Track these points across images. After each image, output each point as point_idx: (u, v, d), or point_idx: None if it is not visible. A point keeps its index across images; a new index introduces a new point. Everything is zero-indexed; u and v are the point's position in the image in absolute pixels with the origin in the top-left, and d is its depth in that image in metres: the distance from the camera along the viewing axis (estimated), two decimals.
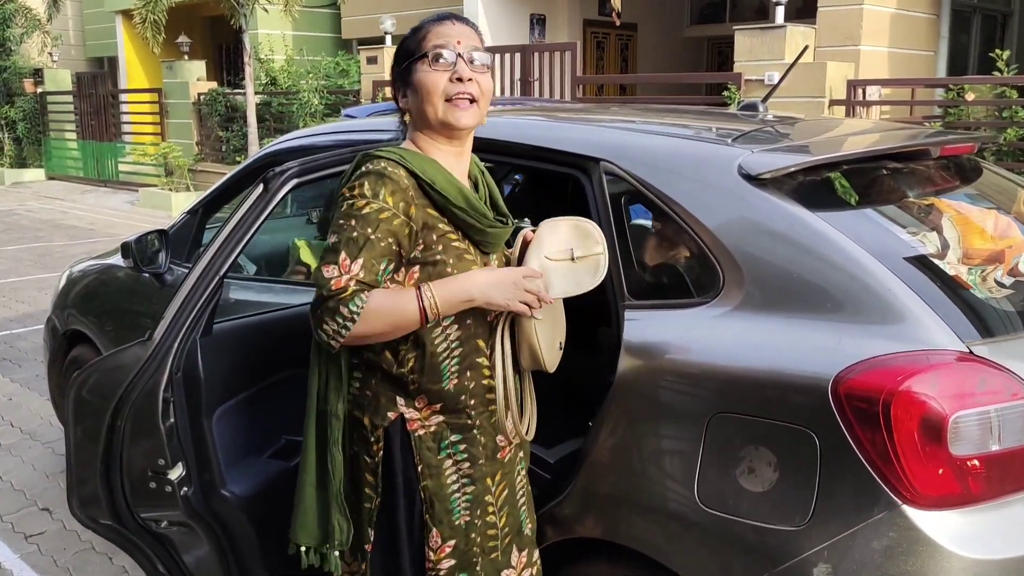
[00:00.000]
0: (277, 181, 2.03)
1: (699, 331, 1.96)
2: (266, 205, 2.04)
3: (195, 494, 2.04)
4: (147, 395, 1.96)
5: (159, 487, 2.01)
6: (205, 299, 2.01)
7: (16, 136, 19.59)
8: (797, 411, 1.77)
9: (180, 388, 2.02)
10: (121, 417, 1.98)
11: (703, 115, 2.83)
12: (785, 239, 1.92)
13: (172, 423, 1.99)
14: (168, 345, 1.98)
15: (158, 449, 1.98)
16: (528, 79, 10.47)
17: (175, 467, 1.99)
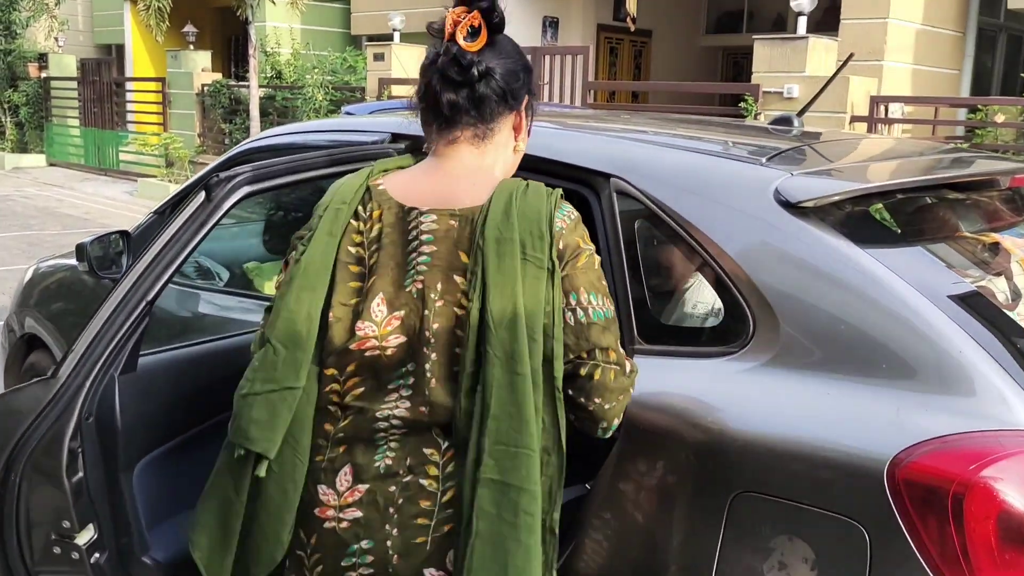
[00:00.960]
0: (223, 189, 1.69)
1: (723, 387, 1.63)
2: (208, 217, 1.70)
3: (109, 562, 1.71)
4: (48, 445, 1.63)
5: (64, 553, 1.68)
6: (127, 330, 1.67)
7: (19, 120, 19.33)
8: (842, 497, 1.44)
9: (92, 436, 1.69)
10: (15, 471, 1.64)
11: (731, 128, 2.49)
12: (832, 281, 1.59)
13: (80, 478, 1.66)
14: (77, 385, 1.64)
15: (62, 509, 1.65)
16: (538, 82, 10.15)
17: (84, 530, 1.66)
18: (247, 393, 1.46)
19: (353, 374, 1.48)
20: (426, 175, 1.56)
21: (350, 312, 1.47)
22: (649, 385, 1.70)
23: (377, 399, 1.47)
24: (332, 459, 1.48)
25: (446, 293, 1.46)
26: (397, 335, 1.46)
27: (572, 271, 1.47)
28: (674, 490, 1.63)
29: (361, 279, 1.48)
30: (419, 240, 1.48)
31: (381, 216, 1.50)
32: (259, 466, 1.45)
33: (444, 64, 1.49)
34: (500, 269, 1.42)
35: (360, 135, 2.42)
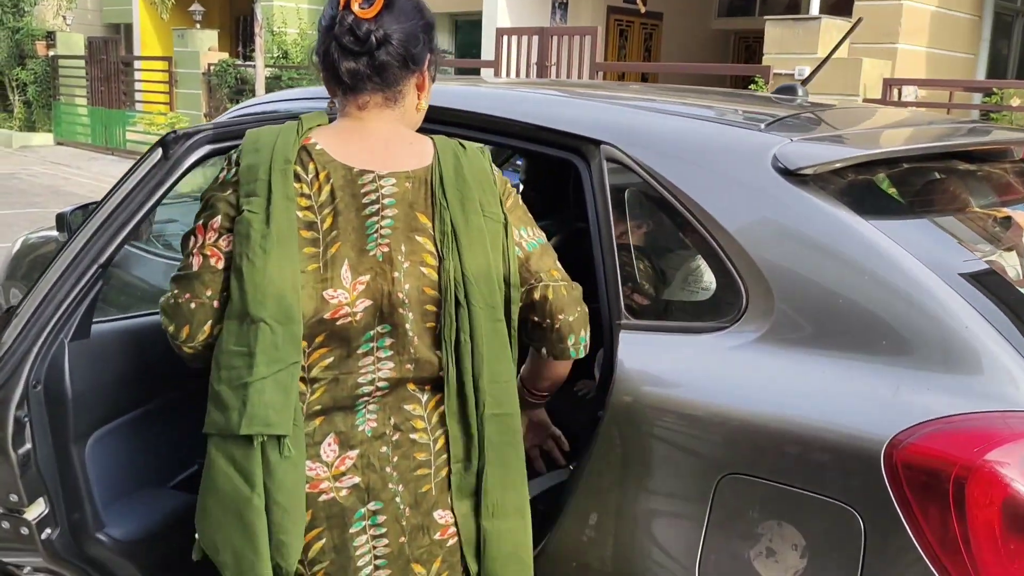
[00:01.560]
0: (180, 147, 1.60)
1: (712, 364, 1.54)
2: (165, 176, 1.60)
3: (61, 537, 1.63)
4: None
5: (13, 528, 1.60)
6: (78, 293, 1.57)
7: (26, 99, 19.27)
8: (836, 481, 1.35)
9: (40, 405, 1.60)
10: None
11: (730, 96, 2.39)
12: (830, 253, 1.49)
13: (28, 449, 1.57)
14: (23, 351, 1.55)
15: (9, 482, 1.56)
16: (545, 63, 10.01)
17: (33, 504, 1.58)
18: (254, 379, 1.38)
19: (321, 344, 1.45)
20: (358, 137, 1.51)
21: (311, 279, 1.43)
22: (635, 361, 1.61)
23: (349, 366, 1.46)
24: (309, 433, 1.45)
25: (411, 254, 1.48)
26: (363, 300, 1.46)
27: (509, 215, 1.56)
28: (659, 471, 1.54)
29: (314, 244, 1.44)
30: (381, 204, 1.47)
31: (328, 178, 1.45)
32: (281, 447, 1.40)
33: (340, 33, 1.46)
34: (468, 228, 1.50)
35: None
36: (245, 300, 1.39)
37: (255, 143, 1.47)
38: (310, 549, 1.46)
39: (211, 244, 1.43)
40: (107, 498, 1.72)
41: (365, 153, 1.49)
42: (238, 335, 1.41)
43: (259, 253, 1.39)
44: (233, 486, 1.40)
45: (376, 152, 1.50)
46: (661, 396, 1.56)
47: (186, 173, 1.62)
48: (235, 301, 1.41)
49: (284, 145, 1.45)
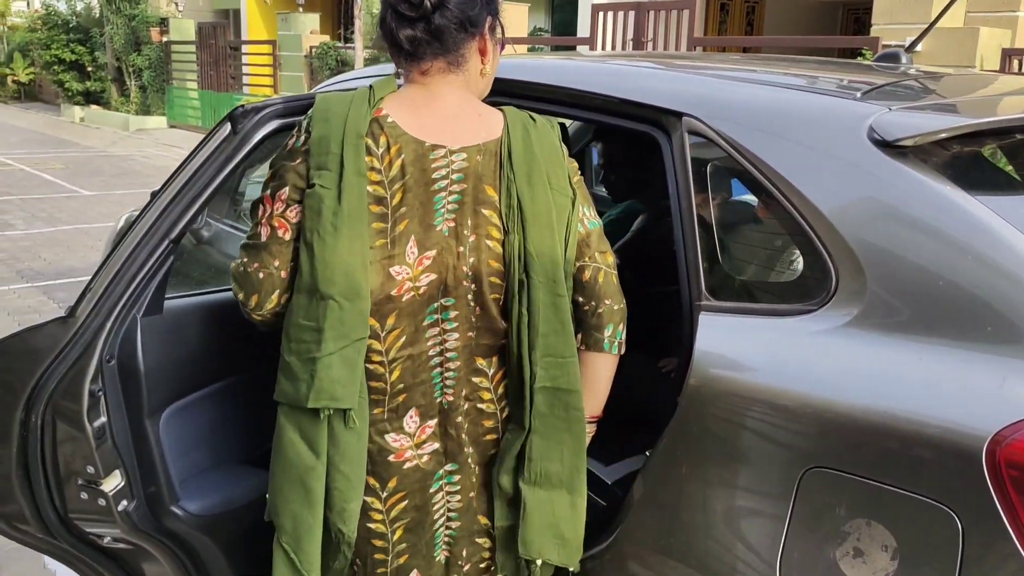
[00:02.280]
0: (249, 121, 1.59)
1: (797, 349, 1.44)
2: (235, 151, 1.59)
3: (138, 510, 1.66)
4: (69, 387, 1.58)
5: (91, 499, 1.63)
6: (149, 268, 1.59)
7: (142, 84, 20.09)
8: (932, 478, 1.24)
9: (114, 380, 1.63)
10: (35, 413, 1.60)
11: (825, 65, 2.24)
12: (930, 231, 1.37)
13: (103, 423, 1.60)
14: (97, 325, 1.57)
15: (85, 454, 1.60)
16: (641, 39, 9.80)
17: (110, 477, 1.61)
18: (323, 355, 1.41)
19: (394, 327, 1.49)
20: (428, 107, 1.50)
21: (378, 255, 1.44)
22: (716, 345, 1.53)
23: (419, 341, 1.51)
24: (393, 408, 1.52)
25: (476, 227, 1.50)
26: (428, 274, 1.48)
27: (577, 190, 1.58)
28: (739, 462, 1.46)
29: (383, 219, 1.44)
30: (450, 179, 1.48)
31: (399, 152, 1.45)
32: (347, 419, 1.46)
33: (398, 6, 1.45)
34: (534, 201, 1.50)
35: None
36: (315, 276, 1.41)
37: (325, 112, 1.45)
38: (393, 509, 1.55)
39: (279, 215, 1.44)
40: (183, 473, 1.74)
41: (436, 126, 1.48)
42: (307, 309, 1.43)
43: (329, 230, 1.39)
44: (298, 453, 1.45)
45: (446, 124, 1.49)
46: (743, 382, 1.48)
47: (256, 147, 1.62)
48: (304, 276, 1.43)
49: (356, 117, 1.43)
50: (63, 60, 21.65)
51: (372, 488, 1.53)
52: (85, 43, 21.75)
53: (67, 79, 21.68)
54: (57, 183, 11.76)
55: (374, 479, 1.53)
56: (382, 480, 1.53)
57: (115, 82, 21.04)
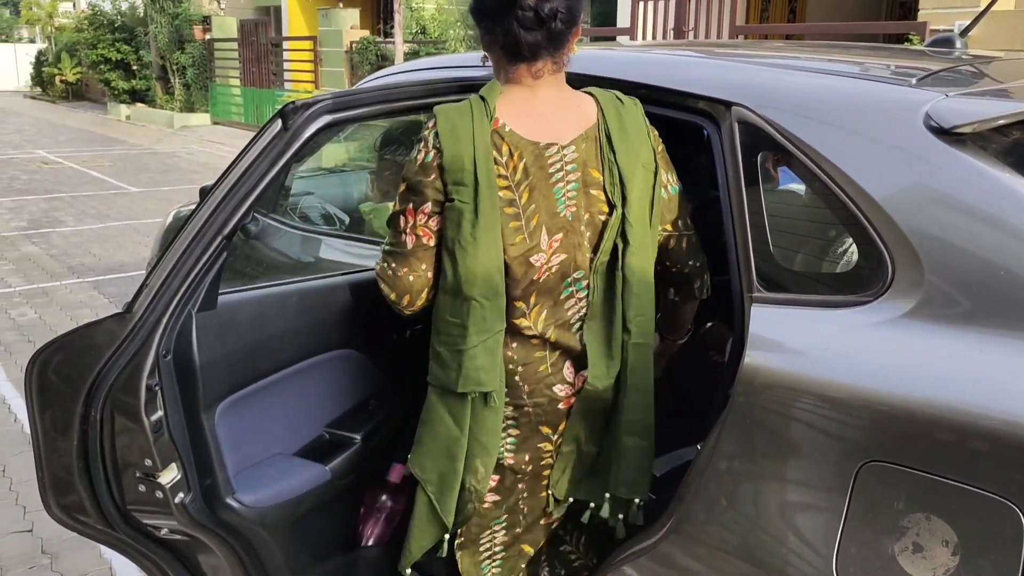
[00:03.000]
0: (300, 117, 1.60)
1: (853, 341, 1.42)
2: (286, 147, 1.61)
3: (194, 502, 1.68)
4: (127, 381, 1.60)
5: (149, 491, 1.66)
6: (203, 265, 1.61)
7: (186, 82, 20.38)
8: (995, 472, 1.22)
9: (170, 374, 1.66)
10: (95, 406, 1.63)
11: (877, 51, 2.20)
12: (991, 220, 1.34)
13: (160, 416, 1.62)
14: (153, 320, 1.59)
15: (143, 448, 1.62)
16: (683, 28, 9.71)
17: (167, 469, 1.63)
18: (468, 347, 1.64)
19: (535, 304, 1.71)
20: (536, 109, 1.66)
21: (519, 249, 1.65)
22: (770, 335, 1.51)
23: (558, 312, 1.72)
24: (553, 363, 1.75)
25: (589, 206, 1.69)
26: (559, 255, 1.69)
27: (660, 160, 1.74)
28: (793, 455, 1.44)
29: (516, 219, 1.64)
30: (565, 170, 1.67)
31: (520, 157, 1.63)
32: (488, 399, 1.68)
33: (523, 14, 1.58)
34: (633, 177, 1.68)
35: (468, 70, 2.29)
36: (458, 280, 1.63)
37: (453, 131, 1.60)
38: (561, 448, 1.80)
39: (422, 225, 1.64)
40: (237, 465, 1.77)
41: (545, 125, 1.66)
42: (452, 308, 1.66)
43: (470, 240, 1.60)
44: (446, 427, 1.70)
45: (555, 122, 1.67)
46: (796, 375, 1.45)
47: (307, 143, 1.63)
48: (448, 279, 1.64)
49: (482, 135, 1.60)
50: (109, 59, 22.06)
51: (546, 435, 1.78)
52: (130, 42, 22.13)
53: (113, 78, 22.08)
54: (105, 180, 11.99)
55: (547, 427, 1.77)
56: (554, 426, 1.78)
57: (160, 80, 21.39)
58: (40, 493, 1.77)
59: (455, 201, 1.60)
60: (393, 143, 3.21)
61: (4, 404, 4.48)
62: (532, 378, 1.74)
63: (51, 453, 1.69)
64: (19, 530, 3.28)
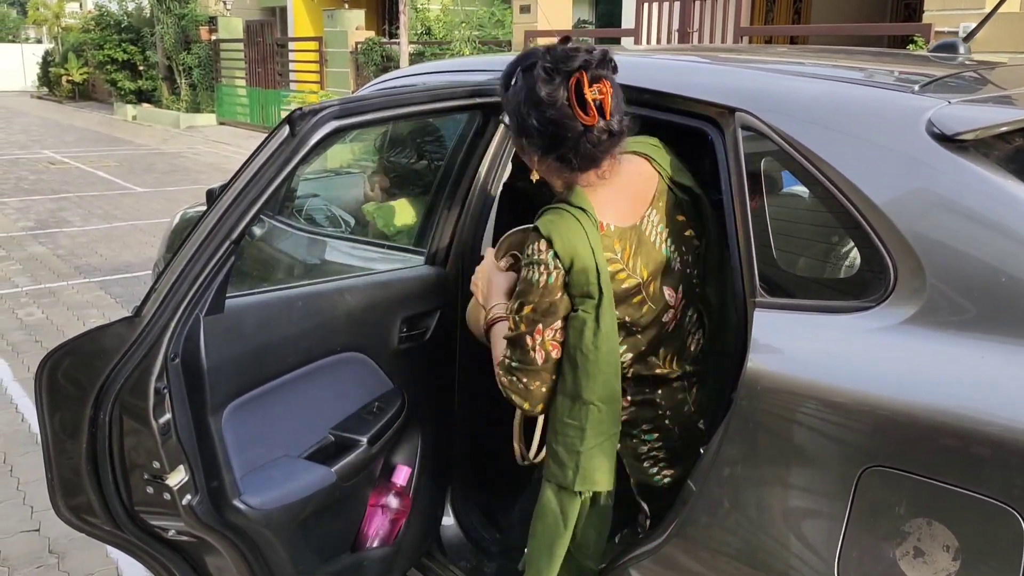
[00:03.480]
0: (307, 123, 1.61)
1: (855, 346, 1.42)
2: (293, 153, 1.62)
3: (201, 504, 1.70)
4: (135, 385, 1.62)
5: (157, 493, 1.68)
6: (211, 269, 1.62)
7: (192, 82, 20.43)
8: (996, 478, 1.23)
9: (178, 377, 1.67)
10: (104, 410, 1.64)
11: (880, 56, 2.21)
12: (993, 226, 1.35)
13: (168, 419, 1.64)
14: (162, 324, 1.61)
15: (151, 450, 1.64)
16: (687, 30, 9.71)
17: (174, 472, 1.65)
18: (585, 448, 1.68)
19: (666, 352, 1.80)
20: (619, 197, 1.72)
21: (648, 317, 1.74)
22: (772, 341, 1.52)
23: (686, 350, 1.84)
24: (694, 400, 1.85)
25: (684, 245, 1.79)
26: (684, 301, 1.80)
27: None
28: (796, 460, 1.45)
29: (637, 293, 1.71)
30: (658, 231, 1.75)
31: (628, 244, 1.71)
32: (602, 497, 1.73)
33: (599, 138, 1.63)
34: (699, 202, 1.81)
35: (474, 74, 2.30)
36: (578, 385, 1.66)
37: (572, 249, 1.63)
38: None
39: (551, 340, 1.68)
40: (243, 467, 1.78)
41: (630, 205, 1.73)
42: (571, 410, 1.69)
43: (591, 349, 1.64)
44: (555, 520, 1.73)
45: (637, 199, 1.74)
46: (799, 380, 1.46)
47: (314, 149, 1.64)
48: (568, 383, 1.68)
49: (598, 246, 1.65)
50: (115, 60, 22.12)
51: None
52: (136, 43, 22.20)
53: (119, 78, 22.14)
54: (112, 180, 12.03)
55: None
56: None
57: (166, 80, 21.45)
58: (49, 494, 1.78)
59: (579, 312, 1.65)
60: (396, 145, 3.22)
61: (12, 404, 4.50)
62: (680, 418, 1.81)
63: (60, 455, 1.71)
64: (26, 529, 3.30)
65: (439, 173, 2.47)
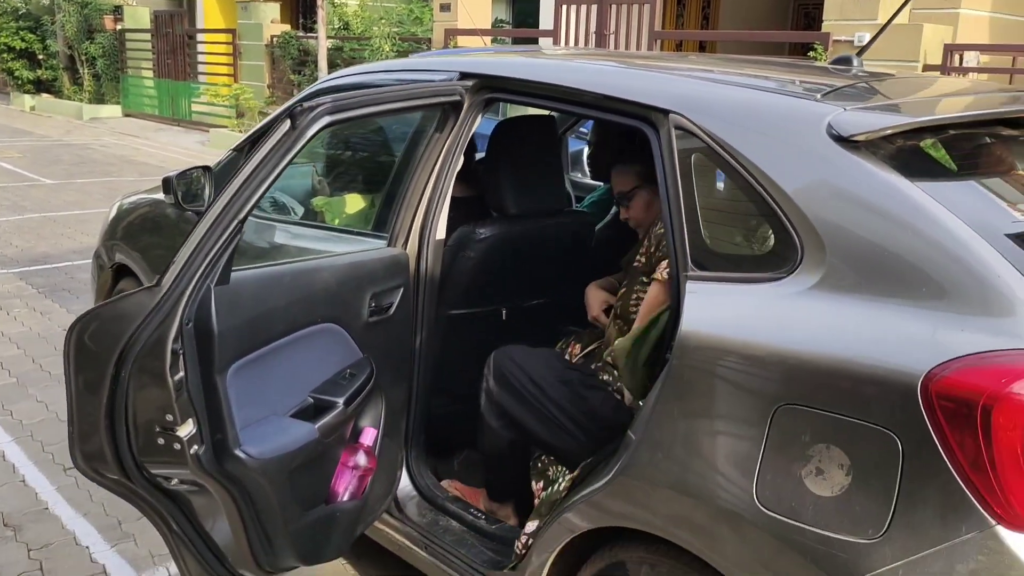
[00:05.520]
0: (306, 118, 1.84)
1: (770, 309, 1.73)
2: (293, 144, 1.85)
3: (206, 453, 1.90)
4: (153, 346, 1.81)
5: (167, 444, 1.87)
6: (221, 244, 1.83)
7: (95, 72, 19.86)
8: (878, 408, 1.54)
9: (191, 340, 1.87)
10: (125, 368, 1.83)
11: (789, 67, 2.55)
12: (877, 211, 1.67)
13: (181, 377, 1.84)
14: (178, 293, 1.81)
15: (166, 404, 1.83)
16: (603, 32, 10.10)
17: (184, 424, 1.85)
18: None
19: None
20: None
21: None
22: (702, 308, 1.81)
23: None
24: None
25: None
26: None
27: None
28: (722, 403, 1.75)
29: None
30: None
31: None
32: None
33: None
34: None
35: (429, 74, 2.54)
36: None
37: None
38: None
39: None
40: (241, 423, 1.98)
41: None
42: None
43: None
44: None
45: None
46: (723, 338, 1.76)
47: (309, 142, 1.86)
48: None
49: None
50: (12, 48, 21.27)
51: None
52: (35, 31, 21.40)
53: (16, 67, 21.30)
54: (18, 172, 11.70)
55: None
56: None
57: (67, 71, 20.76)
58: (69, 446, 1.95)
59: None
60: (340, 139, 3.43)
61: None
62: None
63: (81, 411, 1.88)
64: None
65: (398, 165, 2.70)
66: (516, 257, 2.77)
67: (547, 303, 2.96)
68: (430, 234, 2.48)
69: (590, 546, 2.08)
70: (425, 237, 2.48)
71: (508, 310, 2.88)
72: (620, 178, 2.71)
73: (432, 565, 2.50)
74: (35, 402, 4.35)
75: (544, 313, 2.94)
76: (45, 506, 3.38)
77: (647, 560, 1.91)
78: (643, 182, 2.61)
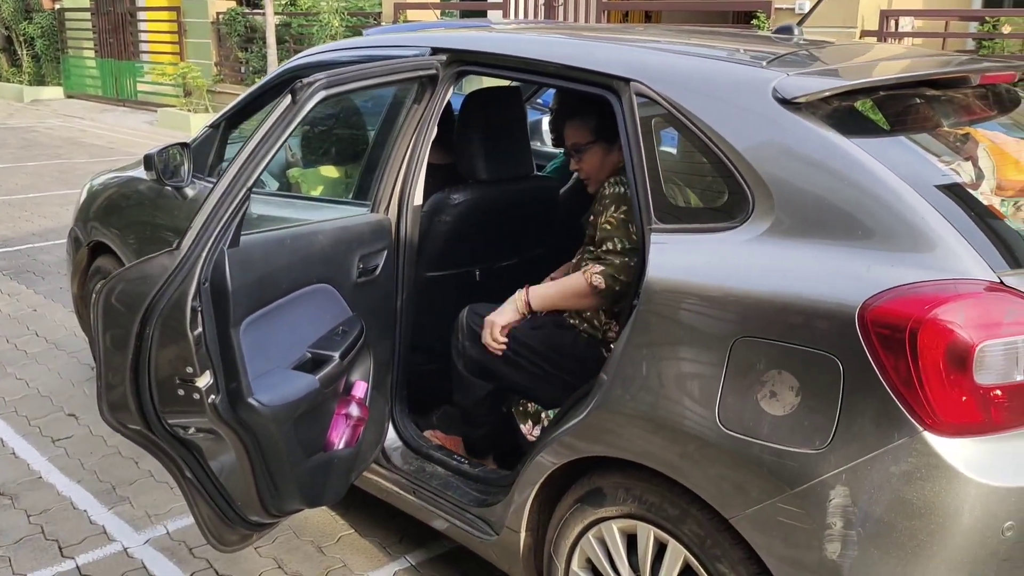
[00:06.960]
0: (305, 93, 2.00)
1: (726, 256, 1.95)
2: (293, 117, 2.02)
3: (222, 402, 2.07)
4: (175, 304, 1.98)
5: (187, 394, 2.04)
6: (232, 210, 2.00)
7: (35, 53, 19.45)
8: (822, 337, 1.77)
9: (207, 298, 2.03)
10: (149, 325, 1.99)
11: (737, 37, 2.76)
12: (818, 165, 1.89)
13: (200, 332, 2.00)
14: (196, 255, 1.98)
15: (186, 357, 2.00)
16: (552, 3, 10.24)
17: (203, 375, 2.01)
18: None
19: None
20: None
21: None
22: (664, 258, 2.02)
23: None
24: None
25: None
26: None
27: None
28: (685, 340, 1.97)
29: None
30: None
31: None
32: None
33: None
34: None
35: (400, 50, 2.71)
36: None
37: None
38: None
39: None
40: (253, 372, 2.15)
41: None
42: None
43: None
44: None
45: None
46: (685, 283, 1.98)
47: (307, 115, 2.03)
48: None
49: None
50: None
51: None
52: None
53: None
54: None
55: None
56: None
57: (5, 52, 20.30)
58: (96, 399, 2.12)
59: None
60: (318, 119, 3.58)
61: None
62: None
63: (108, 366, 2.05)
64: None
65: (378, 135, 2.87)
66: (488, 221, 2.96)
67: (516, 263, 3.15)
68: (408, 200, 2.66)
69: (568, 480, 2.30)
70: (404, 203, 2.65)
71: (481, 271, 3.08)
72: (575, 131, 2.74)
73: (421, 508, 2.70)
74: (15, 379, 4.45)
75: (514, 273, 3.13)
76: (39, 475, 3.50)
77: (623, 484, 2.13)
78: (597, 138, 2.68)
